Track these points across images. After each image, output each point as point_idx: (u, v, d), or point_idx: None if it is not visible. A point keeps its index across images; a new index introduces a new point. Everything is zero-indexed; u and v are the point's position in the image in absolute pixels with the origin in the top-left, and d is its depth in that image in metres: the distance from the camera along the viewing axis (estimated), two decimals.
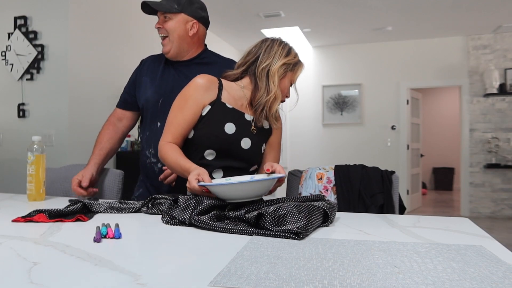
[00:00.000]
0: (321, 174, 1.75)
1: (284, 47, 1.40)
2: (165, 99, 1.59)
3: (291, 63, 1.39)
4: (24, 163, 3.26)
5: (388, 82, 6.41)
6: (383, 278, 0.63)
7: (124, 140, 3.62)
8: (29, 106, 3.25)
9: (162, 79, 1.65)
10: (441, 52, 6.19)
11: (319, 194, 1.19)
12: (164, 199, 1.27)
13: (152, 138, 1.62)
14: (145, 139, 1.68)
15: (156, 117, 1.62)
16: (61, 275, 0.64)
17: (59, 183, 1.84)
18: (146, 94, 1.65)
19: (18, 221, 1.07)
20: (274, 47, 1.38)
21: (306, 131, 6.75)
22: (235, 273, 0.64)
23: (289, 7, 4.79)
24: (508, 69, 5.87)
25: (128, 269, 0.67)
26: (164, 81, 1.64)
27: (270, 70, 1.34)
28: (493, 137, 5.92)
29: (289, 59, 1.38)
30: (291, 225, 0.93)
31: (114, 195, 1.74)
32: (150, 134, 1.64)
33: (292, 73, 1.40)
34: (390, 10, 4.94)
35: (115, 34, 3.64)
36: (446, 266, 0.70)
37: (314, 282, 0.61)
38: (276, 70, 1.34)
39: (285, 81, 1.39)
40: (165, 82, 1.64)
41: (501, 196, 5.93)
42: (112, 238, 0.89)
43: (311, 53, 6.78)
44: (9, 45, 3.28)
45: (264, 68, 1.34)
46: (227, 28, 5.64)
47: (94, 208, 1.22)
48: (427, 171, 9.60)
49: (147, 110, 1.66)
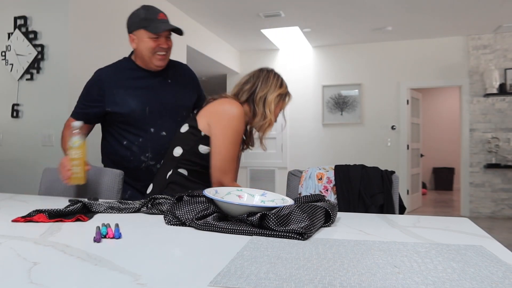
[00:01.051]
0: (321, 174, 1.75)
1: (277, 78, 1.61)
2: (150, 107, 1.73)
3: (283, 93, 1.61)
4: (23, 163, 3.27)
5: (388, 82, 6.41)
6: (383, 278, 0.63)
7: None
8: (28, 106, 3.24)
9: (143, 89, 1.75)
10: (441, 52, 6.19)
11: (319, 194, 1.20)
12: (164, 199, 1.27)
13: (148, 143, 1.73)
14: (138, 145, 1.74)
15: (146, 124, 1.73)
16: (61, 275, 0.64)
17: (59, 183, 1.84)
18: (129, 105, 1.72)
19: (18, 221, 1.07)
20: (270, 78, 1.59)
21: (306, 131, 6.75)
22: (235, 273, 0.64)
23: (289, 7, 4.79)
24: (508, 69, 5.87)
25: (128, 269, 0.67)
26: (145, 90, 1.76)
27: (266, 99, 1.56)
28: (493, 137, 5.92)
29: (282, 90, 1.60)
30: (294, 225, 0.93)
31: (114, 195, 1.74)
32: (144, 140, 1.73)
33: (283, 102, 1.63)
34: (390, 10, 4.94)
35: (115, 34, 3.64)
36: (446, 266, 0.70)
37: (314, 282, 0.61)
38: (272, 99, 1.56)
39: (277, 109, 1.61)
40: (147, 91, 1.76)
41: (501, 196, 5.93)
42: (112, 238, 0.89)
43: (311, 53, 6.78)
44: (9, 45, 3.28)
45: (262, 97, 1.56)
46: (227, 28, 5.64)
47: (94, 208, 1.22)
48: (427, 171, 9.60)
49: (133, 118, 1.73)
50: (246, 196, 1.23)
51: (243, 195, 1.23)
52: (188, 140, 1.54)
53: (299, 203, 1.09)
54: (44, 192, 1.87)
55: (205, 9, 4.87)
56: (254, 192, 1.24)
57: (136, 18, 1.73)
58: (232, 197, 1.21)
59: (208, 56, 5.66)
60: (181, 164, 1.53)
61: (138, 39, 1.72)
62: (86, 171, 1.54)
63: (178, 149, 1.55)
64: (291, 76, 6.83)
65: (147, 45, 1.70)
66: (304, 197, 1.17)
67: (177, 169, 1.53)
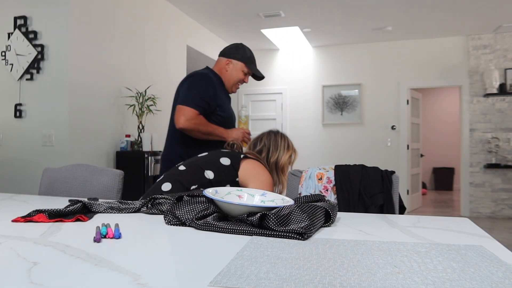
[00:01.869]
0: (321, 174, 1.75)
1: (284, 139, 1.77)
2: (234, 119, 2.16)
3: (291, 154, 1.76)
4: (23, 163, 3.27)
5: (388, 82, 6.41)
6: (383, 278, 0.63)
7: (124, 140, 3.64)
8: (28, 106, 3.25)
9: (229, 104, 2.17)
10: (441, 52, 6.19)
11: (319, 194, 1.20)
12: (164, 199, 1.27)
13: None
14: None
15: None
16: (61, 275, 0.64)
17: (59, 183, 1.84)
18: (229, 111, 2.10)
19: (18, 221, 1.07)
20: (277, 140, 1.75)
21: (306, 131, 6.75)
22: (235, 273, 0.64)
23: (289, 7, 4.79)
24: (508, 69, 5.87)
25: (128, 269, 0.67)
26: (230, 104, 2.18)
27: (279, 163, 1.72)
28: (493, 137, 5.92)
29: (290, 151, 1.76)
30: (294, 225, 0.93)
31: (114, 195, 1.74)
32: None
33: (291, 159, 1.77)
34: (390, 10, 4.94)
35: (115, 34, 3.64)
36: (446, 266, 0.70)
37: (314, 282, 0.61)
38: (284, 163, 1.73)
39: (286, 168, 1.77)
40: (230, 105, 2.18)
41: (501, 196, 5.93)
42: (112, 238, 0.89)
43: (311, 53, 6.77)
44: (9, 45, 3.28)
45: (274, 161, 1.72)
46: (227, 28, 5.64)
47: (94, 208, 1.22)
48: (427, 171, 9.60)
49: (229, 123, 2.08)
50: (246, 196, 1.23)
51: (243, 195, 1.24)
52: (223, 173, 1.57)
53: (299, 203, 1.09)
54: (44, 192, 1.87)
55: (205, 9, 4.87)
56: (254, 192, 1.25)
57: (243, 52, 2.12)
58: (232, 197, 1.21)
59: (208, 56, 5.66)
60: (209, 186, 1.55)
61: (233, 67, 2.12)
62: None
63: (210, 173, 1.56)
64: (291, 76, 6.84)
65: (239, 76, 2.12)
66: (304, 197, 1.17)
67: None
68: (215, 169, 1.57)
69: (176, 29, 4.79)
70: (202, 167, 1.57)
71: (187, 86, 1.98)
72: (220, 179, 1.55)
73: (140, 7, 4.05)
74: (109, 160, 3.56)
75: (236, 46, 2.13)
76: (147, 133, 3.65)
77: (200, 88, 1.96)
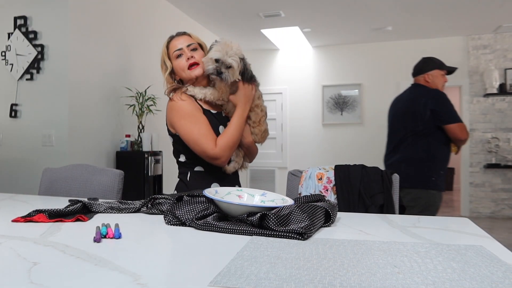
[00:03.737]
0: (321, 174, 1.75)
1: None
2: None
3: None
4: (23, 163, 3.27)
5: (388, 82, 6.41)
6: (383, 278, 0.63)
7: (124, 140, 3.64)
8: (28, 107, 3.24)
9: None
10: (441, 52, 6.17)
11: (319, 194, 1.20)
12: (164, 199, 1.27)
13: None
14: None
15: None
16: (61, 275, 0.64)
17: (59, 183, 1.84)
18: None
19: (18, 221, 1.07)
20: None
21: (306, 131, 6.75)
22: (235, 273, 0.64)
23: (289, 7, 4.79)
24: (508, 69, 5.87)
25: (128, 269, 0.67)
26: None
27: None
28: (493, 137, 5.92)
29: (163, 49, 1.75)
30: (294, 225, 0.93)
31: (114, 195, 1.74)
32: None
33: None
34: (390, 10, 4.94)
35: (115, 34, 3.64)
36: (446, 266, 0.70)
37: (314, 282, 0.61)
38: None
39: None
40: None
41: (501, 196, 5.93)
42: (112, 238, 0.89)
43: (311, 53, 6.77)
44: (9, 45, 3.28)
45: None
46: (227, 28, 5.64)
47: (94, 208, 1.22)
48: None
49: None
50: (246, 196, 1.23)
51: (243, 195, 1.24)
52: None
53: (299, 203, 1.09)
54: (44, 192, 1.87)
55: (205, 9, 4.87)
56: (254, 192, 1.25)
57: (432, 63, 2.64)
58: (232, 197, 1.21)
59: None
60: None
61: (433, 77, 2.71)
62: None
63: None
64: (291, 76, 6.83)
65: (442, 82, 2.77)
66: (304, 197, 1.17)
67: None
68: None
69: (176, 29, 4.78)
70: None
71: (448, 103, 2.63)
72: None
73: (140, 7, 4.05)
74: (109, 160, 3.55)
75: (424, 62, 2.66)
76: (147, 133, 3.65)
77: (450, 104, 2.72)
